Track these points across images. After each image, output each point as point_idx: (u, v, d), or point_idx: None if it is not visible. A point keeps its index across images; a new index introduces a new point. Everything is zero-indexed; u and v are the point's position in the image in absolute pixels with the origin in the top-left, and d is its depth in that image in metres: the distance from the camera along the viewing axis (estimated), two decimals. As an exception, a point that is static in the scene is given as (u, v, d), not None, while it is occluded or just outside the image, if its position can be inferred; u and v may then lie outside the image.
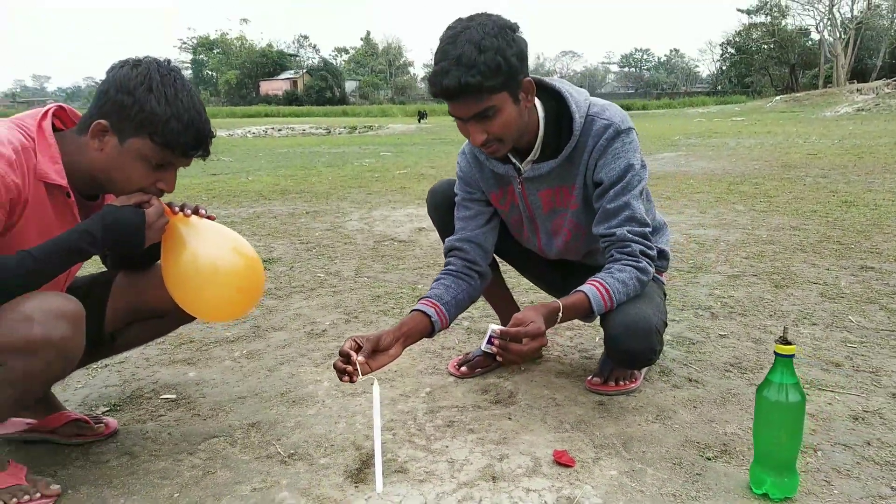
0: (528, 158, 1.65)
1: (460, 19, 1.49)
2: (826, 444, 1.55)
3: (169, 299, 1.49)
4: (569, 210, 1.70)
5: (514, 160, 1.68)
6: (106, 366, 2.13)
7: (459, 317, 2.41)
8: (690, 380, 1.91)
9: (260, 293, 1.56)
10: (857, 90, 27.48)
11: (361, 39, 76.93)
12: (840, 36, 43.09)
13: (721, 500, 1.34)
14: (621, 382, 1.82)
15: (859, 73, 41.73)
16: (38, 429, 1.64)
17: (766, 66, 51.57)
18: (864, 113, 21.05)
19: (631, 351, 1.56)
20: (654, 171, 7.27)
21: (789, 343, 1.29)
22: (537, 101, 1.61)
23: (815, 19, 45.98)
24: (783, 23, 48.45)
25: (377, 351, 1.51)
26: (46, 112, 1.34)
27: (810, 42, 49.52)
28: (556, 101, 1.63)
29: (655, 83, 78.57)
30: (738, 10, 50.16)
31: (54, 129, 1.35)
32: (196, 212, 1.46)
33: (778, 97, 32.18)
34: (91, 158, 1.32)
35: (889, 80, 27.58)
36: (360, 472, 1.47)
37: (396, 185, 6.58)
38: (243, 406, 1.82)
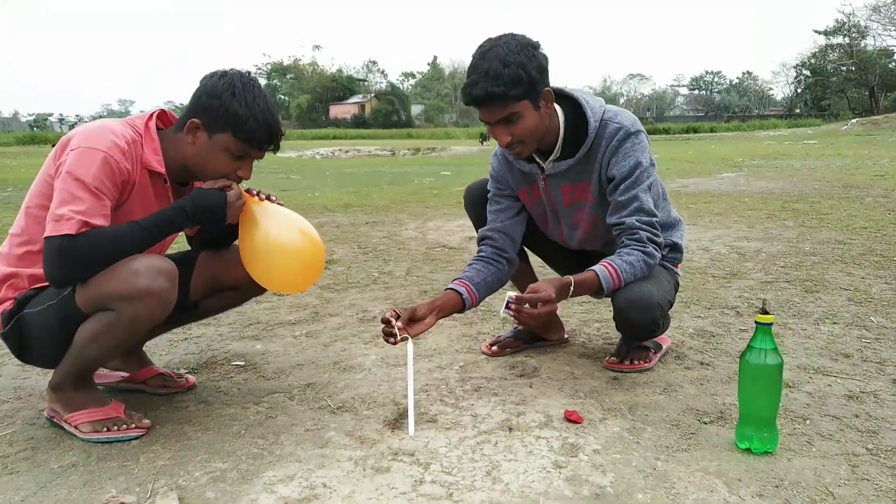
0: (551, 158, 1.89)
1: (490, 38, 1.75)
2: (816, 414, 1.70)
3: (244, 274, 1.78)
4: (587, 204, 1.92)
5: (538, 160, 1.92)
6: (185, 339, 2.46)
7: (496, 308, 2.66)
8: (702, 363, 2.08)
9: (320, 269, 1.83)
10: (942, 113, 26.27)
11: (428, 64, 78.57)
12: (925, 57, 41.27)
13: (708, 452, 1.52)
14: (636, 362, 2.01)
15: (947, 96, 39.81)
16: (131, 380, 1.97)
17: (843, 88, 49.73)
18: (946, 136, 20.14)
19: (634, 322, 1.77)
20: (710, 191, 7.32)
21: (768, 313, 1.47)
22: (558, 108, 1.85)
23: (898, 40, 44.00)
24: (863, 44, 46.74)
25: (413, 320, 1.77)
26: (152, 114, 1.67)
27: (893, 63, 47.52)
28: (574, 108, 1.86)
29: (727, 106, 76.76)
30: (815, 31, 48.87)
31: (157, 129, 1.68)
32: (268, 198, 1.76)
33: (854, 120, 31.05)
34: (185, 151, 1.64)
35: (977, 103, 26.25)
36: (397, 422, 1.72)
37: (453, 201, 6.86)
38: (301, 371, 2.10)
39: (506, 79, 1.66)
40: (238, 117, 1.58)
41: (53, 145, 1.61)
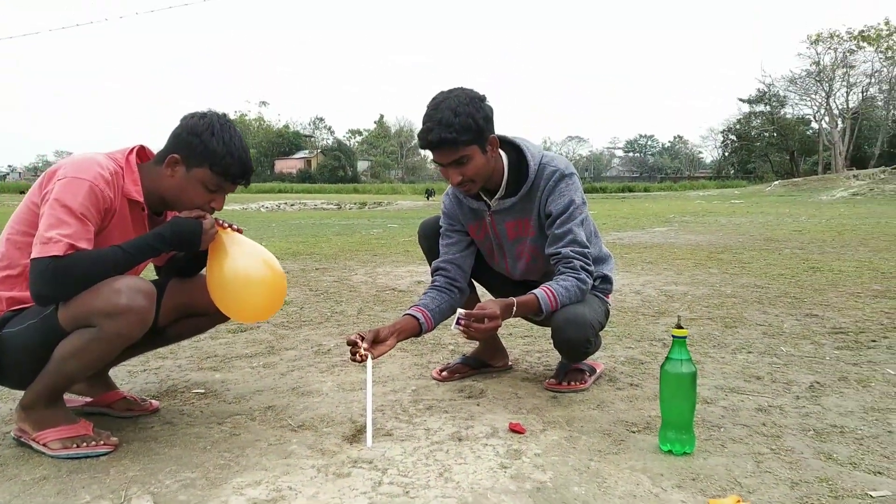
0: (496, 196, 2.11)
1: (442, 91, 1.98)
2: (729, 423, 1.93)
3: (210, 300, 1.91)
4: (528, 237, 2.14)
5: (485, 198, 2.14)
6: (144, 370, 2.53)
7: (445, 341, 2.84)
8: (632, 384, 2.29)
9: (282, 297, 1.97)
10: (854, 176, 28.27)
11: (375, 122, 79.71)
12: (838, 125, 44.51)
13: (635, 455, 1.72)
14: (573, 383, 2.20)
15: (858, 160, 42.91)
16: (96, 404, 2.04)
17: (766, 152, 52.97)
18: (858, 197, 21.66)
19: (569, 339, 1.98)
20: (643, 243, 7.75)
21: (682, 328, 1.70)
22: (502, 153, 2.09)
23: (813, 109, 47.45)
24: (782, 112, 50.15)
25: (376, 342, 1.93)
26: (133, 149, 1.82)
27: (810, 130, 51.02)
28: (517, 153, 2.10)
29: (660, 168, 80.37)
30: (740, 99, 52.23)
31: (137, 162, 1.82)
32: (236, 229, 1.91)
33: (777, 182, 33.07)
34: (163, 182, 1.79)
35: (886, 168, 28.38)
36: (355, 437, 1.86)
37: (401, 249, 7.06)
38: (261, 396, 2.22)
39: (457, 126, 1.89)
40: (216, 154, 1.75)
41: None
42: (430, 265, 2.27)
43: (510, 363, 2.52)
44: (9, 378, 1.76)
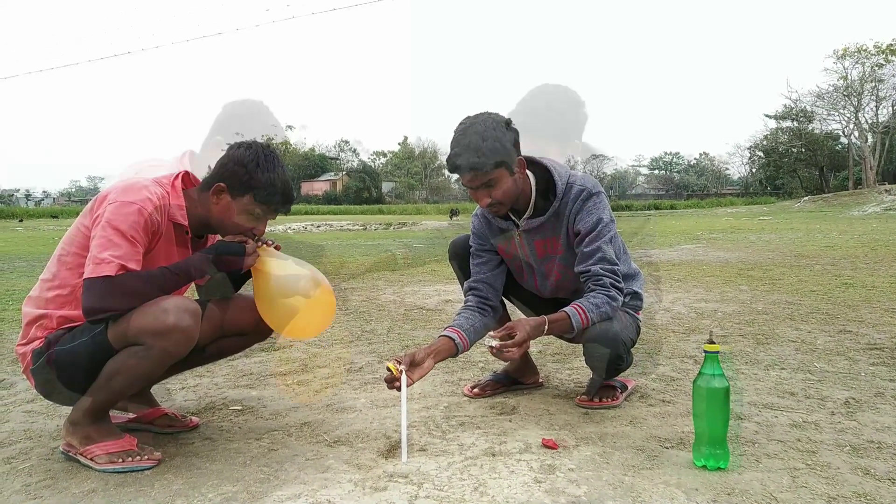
0: (524, 216, 2.15)
1: (469, 117, 2.04)
2: (764, 439, 1.92)
3: (248, 320, 1.99)
4: (557, 255, 2.17)
5: (513, 218, 2.18)
6: (183, 388, 2.60)
7: (475, 358, 2.86)
8: (664, 401, 2.30)
9: (332, 315, 2.04)
10: (886, 191, 27.77)
11: (399, 144, 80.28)
12: (868, 140, 43.77)
13: (669, 470, 1.72)
14: (605, 400, 2.21)
15: (890, 175, 42.12)
16: (138, 420, 2.11)
17: (795, 168, 52.16)
18: (891, 212, 21.27)
19: (601, 356, 2.00)
20: (672, 259, 7.70)
21: (714, 343, 1.71)
22: (530, 174, 2.13)
23: (841, 124, 46.70)
24: (810, 127, 49.43)
25: (414, 365, 1.97)
26: (178, 175, 1.90)
27: (839, 146, 50.19)
28: (544, 173, 2.14)
29: (686, 185, 79.57)
30: (766, 115, 51.61)
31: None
32: (276, 247, 1.99)
33: (806, 197, 32.60)
34: (208, 209, 1.87)
35: (919, 182, 27.83)
36: (390, 452, 1.89)
37: (427, 269, 7.11)
38: (297, 413, 2.26)
39: (485, 151, 1.94)
40: (260, 184, 1.83)
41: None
42: (462, 284, 2.31)
43: (541, 380, 2.54)
44: (58, 394, 1.83)
